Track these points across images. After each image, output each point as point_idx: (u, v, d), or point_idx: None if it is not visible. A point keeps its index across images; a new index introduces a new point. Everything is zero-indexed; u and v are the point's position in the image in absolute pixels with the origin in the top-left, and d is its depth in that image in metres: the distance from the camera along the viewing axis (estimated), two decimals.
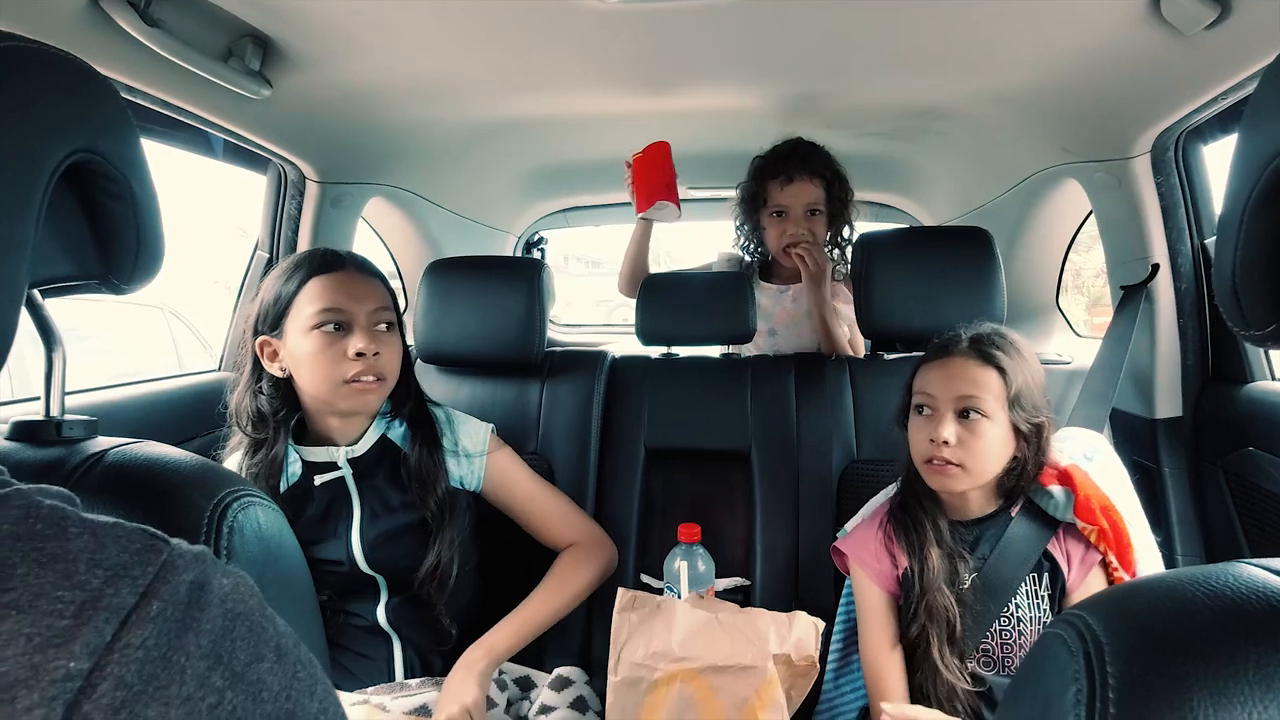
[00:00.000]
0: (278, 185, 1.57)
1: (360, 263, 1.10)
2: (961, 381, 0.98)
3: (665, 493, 1.45)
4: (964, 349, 1.01)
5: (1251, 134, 0.38)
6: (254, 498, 0.58)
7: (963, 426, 0.98)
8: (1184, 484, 1.38)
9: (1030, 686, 0.38)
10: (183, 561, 0.30)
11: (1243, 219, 0.37)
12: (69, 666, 0.25)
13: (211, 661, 0.28)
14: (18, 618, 0.25)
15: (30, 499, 0.29)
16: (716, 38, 1.16)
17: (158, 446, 0.59)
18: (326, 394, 1.03)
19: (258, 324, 1.06)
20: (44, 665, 0.25)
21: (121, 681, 0.26)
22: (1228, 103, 1.11)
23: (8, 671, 0.24)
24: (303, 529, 1.05)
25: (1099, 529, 0.98)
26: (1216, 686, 0.31)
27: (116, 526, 0.29)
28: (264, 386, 1.07)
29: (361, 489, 1.09)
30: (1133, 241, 1.39)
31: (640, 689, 1.00)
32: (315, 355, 1.02)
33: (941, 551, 1.01)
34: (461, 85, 1.34)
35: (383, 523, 1.09)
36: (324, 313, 1.02)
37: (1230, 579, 0.35)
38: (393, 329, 1.09)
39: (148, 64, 0.99)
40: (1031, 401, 1.00)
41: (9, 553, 0.26)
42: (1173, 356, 1.38)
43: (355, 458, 1.10)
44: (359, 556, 1.07)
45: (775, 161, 1.61)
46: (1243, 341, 0.82)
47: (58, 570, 0.27)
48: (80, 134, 0.49)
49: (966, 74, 1.30)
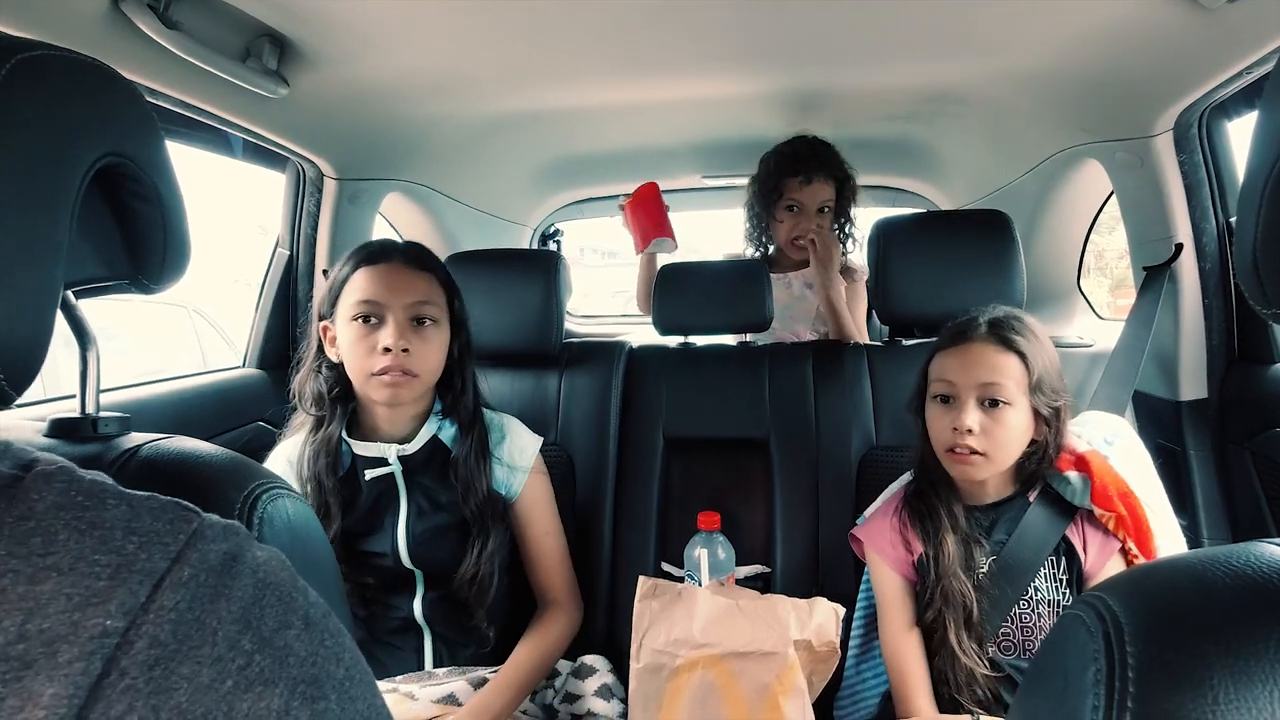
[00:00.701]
0: (297, 183, 1.59)
1: (412, 255, 1.10)
2: (983, 369, 0.97)
3: (685, 481, 1.45)
4: (983, 334, 1.00)
5: (1273, 108, 0.37)
6: (282, 490, 0.60)
7: (986, 414, 0.97)
8: (1209, 466, 1.36)
9: (1050, 666, 0.38)
10: (213, 531, 0.32)
11: (1264, 195, 0.37)
12: (105, 624, 0.27)
13: (241, 626, 0.30)
14: (58, 579, 0.27)
15: (73, 474, 0.31)
16: (730, 25, 1.15)
17: (189, 441, 0.61)
18: (360, 385, 1.06)
19: (321, 308, 1.09)
20: (82, 622, 0.27)
21: (156, 640, 0.28)
22: (1253, 77, 1.08)
23: (50, 628, 0.26)
24: (352, 520, 1.08)
25: (1117, 515, 0.97)
26: (1237, 665, 0.31)
27: (151, 499, 0.31)
28: (323, 368, 1.10)
29: (410, 486, 1.11)
30: (1155, 221, 1.36)
31: (662, 675, 1.01)
32: (351, 346, 1.04)
33: (957, 537, 1.00)
34: (475, 79, 1.35)
35: (428, 520, 1.10)
36: (360, 304, 1.04)
37: (1251, 558, 0.35)
38: (435, 325, 1.09)
39: (168, 66, 1.01)
40: (1051, 385, 0.99)
41: (53, 520, 0.28)
42: (1197, 337, 1.36)
43: (406, 455, 1.10)
44: (403, 551, 1.09)
45: (795, 160, 1.67)
46: (1265, 319, 0.81)
47: (95, 536, 0.29)
48: (108, 138, 0.50)
49: (983, 55, 1.28)
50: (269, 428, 1.49)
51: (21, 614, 0.26)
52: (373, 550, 1.09)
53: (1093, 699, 0.33)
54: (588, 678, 1.17)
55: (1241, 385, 1.31)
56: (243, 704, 0.29)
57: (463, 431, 1.15)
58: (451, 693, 1.02)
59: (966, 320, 1.03)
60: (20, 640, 0.26)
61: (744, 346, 1.56)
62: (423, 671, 1.11)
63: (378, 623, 1.13)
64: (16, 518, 0.28)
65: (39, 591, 0.27)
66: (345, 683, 0.33)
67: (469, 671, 1.09)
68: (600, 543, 1.36)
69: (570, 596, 1.22)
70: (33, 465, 0.30)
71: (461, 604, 1.12)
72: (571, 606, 1.22)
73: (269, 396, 1.53)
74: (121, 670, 0.27)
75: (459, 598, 1.11)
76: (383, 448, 1.10)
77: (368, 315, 1.04)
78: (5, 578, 0.26)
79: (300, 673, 0.32)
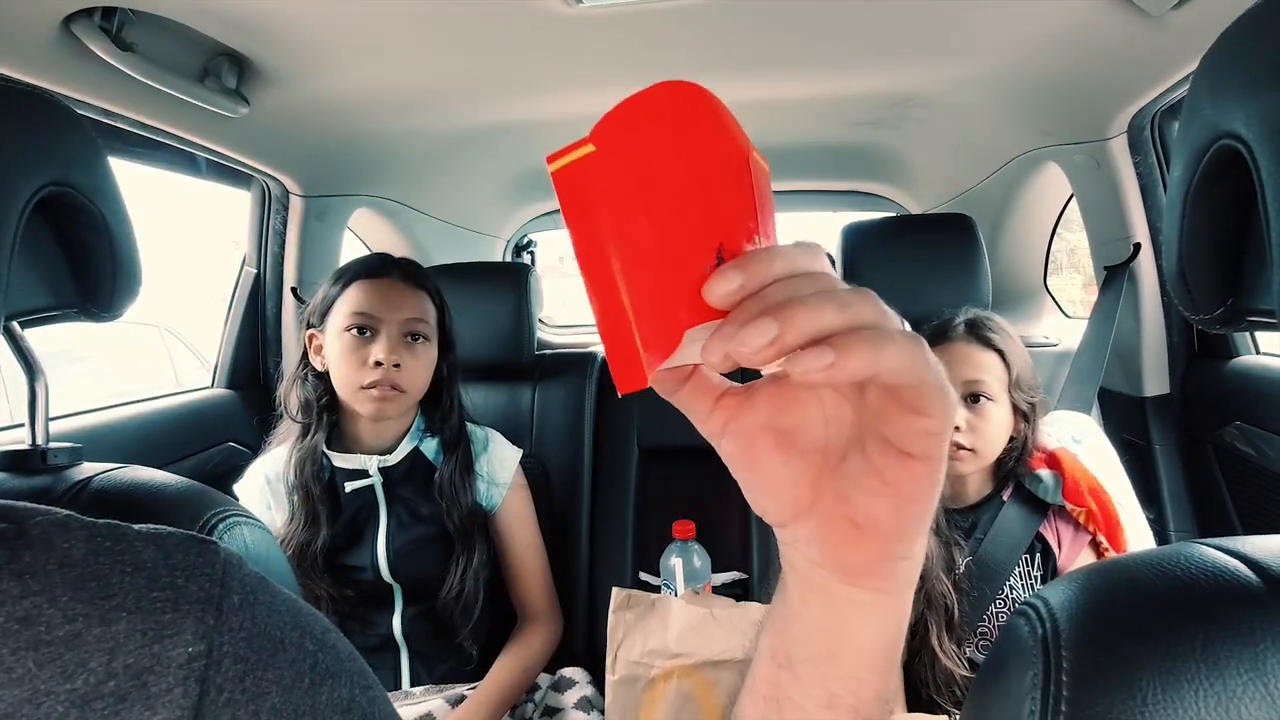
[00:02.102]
0: (262, 201, 1.58)
1: (409, 271, 1.12)
2: (966, 367, 0.99)
3: (660, 490, 1.46)
4: (962, 334, 1.02)
5: (1190, 123, 0.38)
6: (240, 517, 0.59)
7: (971, 411, 0.99)
8: (1175, 460, 1.39)
9: (994, 670, 0.39)
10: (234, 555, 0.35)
11: (1185, 206, 0.38)
12: (188, 651, 0.30)
13: (299, 631, 0.34)
14: (129, 617, 0.29)
15: (84, 521, 0.32)
16: (688, 36, 1.16)
17: (143, 471, 0.60)
18: (348, 396, 1.06)
19: (310, 317, 1.10)
20: (164, 653, 0.29)
21: (238, 656, 0.31)
22: None
23: (134, 662, 0.28)
24: (329, 534, 1.07)
25: (1087, 510, 0.99)
26: (1165, 666, 0.31)
27: (170, 535, 0.33)
28: (309, 376, 1.10)
29: (390, 499, 1.11)
30: (1114, 221, 1.39)
31: (638, 687, 1.01)
32: (341, 357, 1.05)
33: (939, 540, 1.01)
34: (440, 94, 1.34)
35: (408, 533, 1.10)
36: (354, 316, 1.05)
37: (1182, 559, 0.36)
38: (426, 342, 1.11)
39: (123, 87, 1.00)
40: (1027, 382, 1.01)
41: (98, 566, 0.30)
42: (1158, 334, 1.39)
43: (386, 468, 1.11)
44: (382, 564, 1.08)
45: None
46: (1195, 325, 0.83)
47: (145, 575, 0.31)
48: (50, 167, 0.50)
49: (944, 60, 1.30)
50: (240, 448, 1.47)
51: (105, 654, 0.28)
52: (351, 564, 1.09)
53: (1030, 702, 0.33)
54: (567, 690, 1.17)
55: (1202, 380, 1.34)
56: (321, 696, 0.33)
57: (447, 450, 1.15)
58: (429, 712, 1.02)
59: (943, 322, 1.05)
60: (109, 678, 0.28)
61: None
62: (399, 691, 1.10)
63: (353, 640, 1.12)
64: (59, 565, 0.29)
65: (114, 631, 0.29)
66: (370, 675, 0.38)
67: (446, 689, 1.08)
68: (577, 554, 1.36)
69: (550, 609, 1.22)
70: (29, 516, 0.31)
71: (442, 621, 1.11)
72: (552, 620, 1.21)
73: (240, 416, 1.51)
74: (218, 687, 0.30)
75: (443, 616, 1.10)
76: (363, 460, 1.10)
77: (361, 327, 1.05)
78: (78, 622, 0.28)
79: (351, 666, 0.36)
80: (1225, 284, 0.39)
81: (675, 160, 0.24)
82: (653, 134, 0.25)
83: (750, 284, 0.24)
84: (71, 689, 0.27)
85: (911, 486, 0.26)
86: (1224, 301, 0.39)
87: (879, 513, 0.27)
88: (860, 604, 0.29)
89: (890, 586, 0.29)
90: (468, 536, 1.11)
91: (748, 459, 0.30)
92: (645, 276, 0.24)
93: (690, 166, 0.24)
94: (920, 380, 0.24)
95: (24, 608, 0.28)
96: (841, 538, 0.28)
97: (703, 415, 0.31)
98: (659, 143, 0.24)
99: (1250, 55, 0.35)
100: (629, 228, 0.25)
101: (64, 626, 0.28)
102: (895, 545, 0.28)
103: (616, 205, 0.25)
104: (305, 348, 1.10)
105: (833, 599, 0.29)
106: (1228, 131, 0.35)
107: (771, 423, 0.29)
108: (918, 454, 0.26)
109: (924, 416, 0.25)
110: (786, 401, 0.29)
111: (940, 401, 0.25)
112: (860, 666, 0.30)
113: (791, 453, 0.29)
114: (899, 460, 0.26)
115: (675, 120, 0.25)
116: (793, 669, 0.31)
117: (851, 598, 0.29)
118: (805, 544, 0.30)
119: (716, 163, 0.25)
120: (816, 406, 0.29)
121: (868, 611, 0.29)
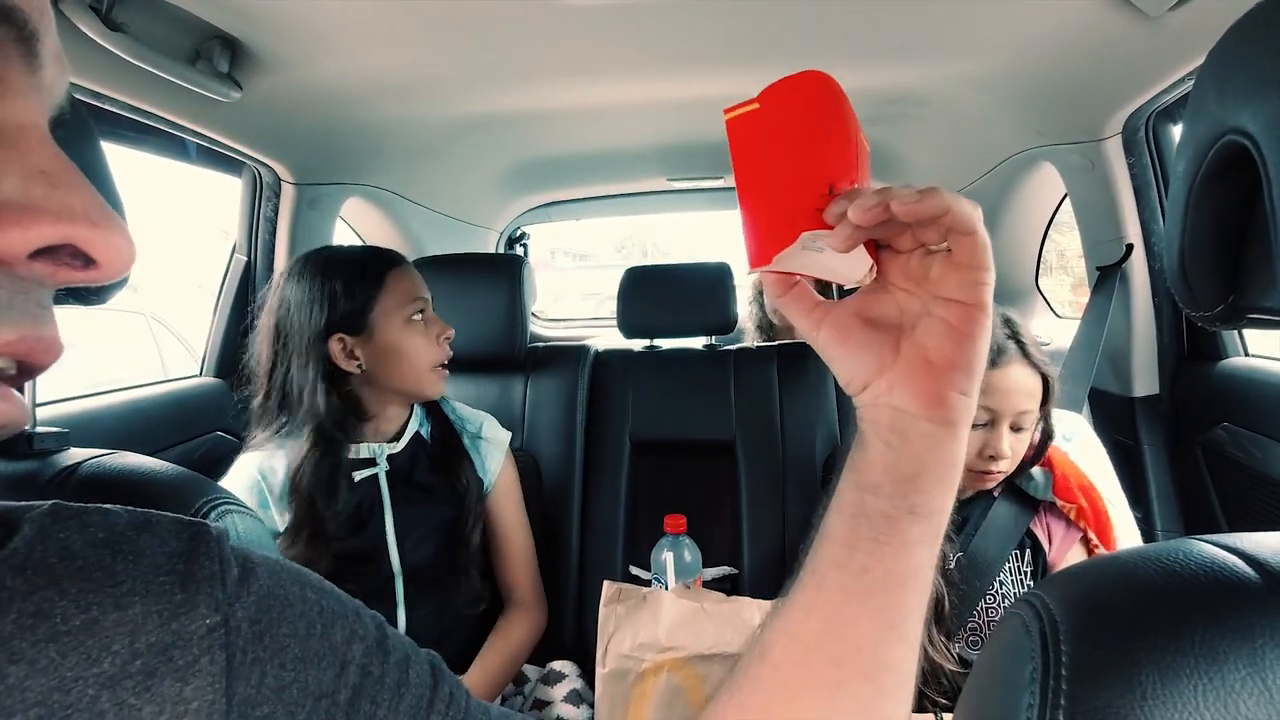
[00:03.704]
0: (253, 188, 1.56)
1: (402, 256, 1.15)
2: (1021, 396, 0.95)
3: (652, 485, 1.46)
4: (1016, 356, 0.96)
5: (1195, 119, 0.38)
6: (232, 505, 0.58)
7: (1014, 435, 0.97)
8: (1163, 461, 1.40)
9: (992, 663, 0.39)
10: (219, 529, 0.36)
11: (1188, 202, 0.38)
12: (206, 624, 0.32)
13: (300, 585, 0.37)
14: (143, 600, 0.31)
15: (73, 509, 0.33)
16: (684, 28, 1.15)
17: (133, 457, 0.59)
18: (418, 380, 1.09)
19: (329, 326, 1.04)
20: (184, 629, 0.31)
21: (252, 619, 0.33)
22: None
23: (156, 640, 0.30)
24: (335, 525, 1.06)
25: (1078, 507, 1.00)
26: (1164, 661, 0.31)
27: (159, 520, 0.34)
28: (346, 382, 1.07)
29: (396, 485, 1.11)
30: (1107, 222, 1.40)
31: (628, 680, 1.01)
32: (417, 344, 1.08)
33: None
34: (435, 82, 1.33)
35: (415, 516, 1.11)
36: (416, 301, 1.08)
37: (1182, 555, 0.36)
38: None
39: (113, 69, 0.98)
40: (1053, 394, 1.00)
41: (100, 555, 0.31)
42: (1149, 335, 1.40)
43: (393, 454, 1.12)
44: (392, 550, 1.09)
45: None
46: (1194, 322, 0.83)
47: (146, 561, 0.32)
48: None
49: (941, 58, 1.30)
50: (228, 437, 1.46)
51: (126, 635, 0.30)
52: (358, 554, 1.08)
53: (1028, 696, 0.33)
54: (556, 684, 1.17)
55: (1191, 382, 1.35)
56: (335, 635, 0.37)
57: (432, 416, 1.19)
58: None
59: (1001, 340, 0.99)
60: (135, 657, 0.30)
61: (710, 349, 1.57)
62: None
63: None
64: (61, 558, 0.30)
65: (131, 615, 0.30)
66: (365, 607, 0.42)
67: None
68: (568, 547, 1.36)
69: (535, 596, 1.23)
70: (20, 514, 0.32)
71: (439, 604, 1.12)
72: (536, 607, 1.22)
73: (227, 405, 1.49)
74: (241, 650, 0.33)
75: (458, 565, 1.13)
76: (373, 449, 1.10)
77: (421, 311, 1.09)
78: (92, 610, 0.29)
79: (350, 604, 0.40)
80: (1226, 281, 0.39)
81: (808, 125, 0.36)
82: (796, 105, 0.36)
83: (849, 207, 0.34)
84: (100, 672, 0.29)
85: (969, 326, 0.36)
86: (1225, 299, 0.39)
87: (945, 348, 0.36)
88: (929, 435, 0.37)
89: (952, 418, 0.37)
90: (467, 496, 1.14)
91: (841, 338, 0.39)
92: (779, 196, 0.36)
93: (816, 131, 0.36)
94: (975, 229, 0.34)
95: (34, 602, 0.29)
96: (918, 374, 0.37)
97: (803, 313, 0.40)
98: (798, 112, 0.36)
99: (1258, 50, 0.35)
100: (773, 164, 0.36)
101: (79, 616, 0.29)
102: (958, 376, 0.37)
103: (768, 148, 0.37)
104: (324, 356, 1.04)
105: (908, 436, 0.38)
106: (1234, 127, 0.35)
107: (859, 313, 0.39)
108: (971, 300, 0.35)
109: (976, 269, 0.35)
110: (870, 300, 0.39)
111: (986, 256, 0.35)
112: (931, 482, 0.38)
113: (875, 330, 0.39)
114: (958, 307, 0.36)
115: (811, 98, 0.36)
116: (877, 491, 0.38)
117: (923, 430, 0.37)
118: (888, 393, 0.38)
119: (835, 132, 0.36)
120: (891, 300, 0.38)
121: (935, 441, 0.37)
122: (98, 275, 0.26)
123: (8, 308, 0.24)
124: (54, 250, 0.25)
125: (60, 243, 0.25)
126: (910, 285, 0.38)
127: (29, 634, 0.28)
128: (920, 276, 0.37)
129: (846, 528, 0.39)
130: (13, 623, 0.28)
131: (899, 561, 0.38)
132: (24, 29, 0.25)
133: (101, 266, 0.26)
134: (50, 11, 0.27)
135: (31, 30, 0.26)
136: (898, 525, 0.37)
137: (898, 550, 0.37)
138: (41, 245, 0.24)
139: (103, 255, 0.26)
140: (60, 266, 0.25)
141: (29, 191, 0.24)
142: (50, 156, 0.25)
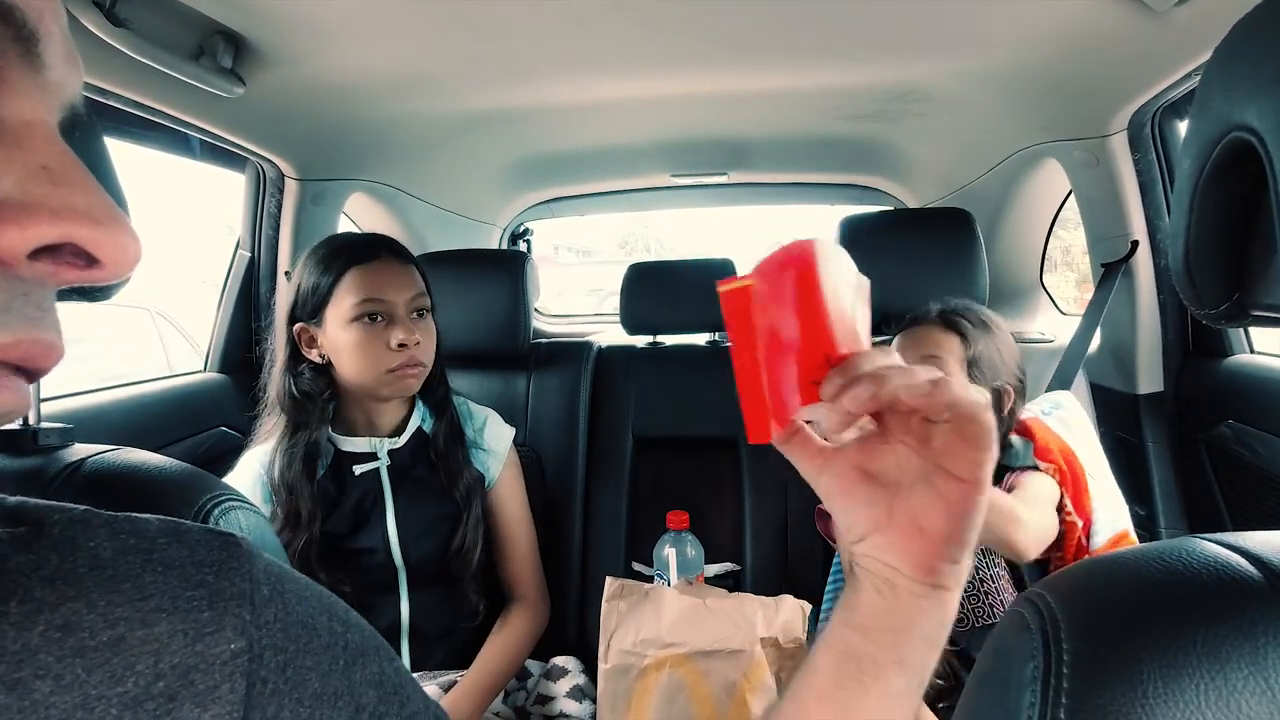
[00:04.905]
0: (257, 183, 1.56)
1: (396, 249, 1.11)
2: (926, 345, 1.03)
3: (654, 481, 1.46)
4: (931, 319, 1.06)
5: (1201, 115, 0.38)
6: (235, 502, 0.59)
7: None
8: (1167, 458, 1.40)
9: (993, 663, 0.39)
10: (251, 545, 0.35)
11: (1193, 199, 0.38)
12: (230, 648, 0.30)
13: (327, 616, 0.36)
14: (169, 618, 0.30)
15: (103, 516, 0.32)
16: (695, 22, 1.15)
17: (137, 453, 0.60)
18: (368, 383, 1.05)
19: (295, 311, 1.06)
20: (207, 651, 0.30)
21: (276, 648, 0.32)
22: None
23: (180, 662, 0.29)
24: (337, 519, 1.07)
25: (1058, 468, 1.02)
26: (1166, 660, 0.31)
27: (190, 530, 0.33)
28: (304, 370, 1.07)
29: (398, 480, 1.11)
30: (1112, 219, 1.39)
31: (630, 676, 1.01)
32: (357, 347, 1.03)
33: None
34: (439, 77, 1.33)
35: (417, 511, 1.11)
36: (364, 304, 1.03)
37: (1184, 554, 0.36)
38: (427, 314, 1.12)
39: (117, 65, 0.98)
40: (991, 366, 1.02)
41: (130, 565, 0.30)
42: (1154, 332, 1.39)
43: (395, 449, 1.11)
44: (394, 544, 1.09)
45: None
46: (1199, 319, 0.83)
47: (176, 574, 0.31)
48: None
49: (945, 54, 1.30)
50: (232, 433, 1.46)
51: (151, 655, 0.29)
52: (360, 548, 1.08)
53: (1030, 695, 0.33)
54: (559, 679, 1.17)
55: (1196, 379, 1.35)
56: (355, 674, 0.35)
57: (438, 413, 1.17)
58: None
59: (922, 310, 1.09)
60: (158, 679, 0.29)
61: (713, 346, 1.57)
62: None
63: None
64: (91, 568, 0.29)
65: (157, 633, 0.29)
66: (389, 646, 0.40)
67: (440, 675, 1.08)
68: (570, 543, 1.36)
69: (538, 592, 1.23)
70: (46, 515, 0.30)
71: (453, 582, 1.12)
72: (539, 602, 1.22)
73: (232, 400, 1.50)
74: (263, 680, 0.31)
75: (453, 575, 1.12)
76: (374, 443, 1.10)
77: (374, 314, 1.03)
78: (119, 626, 0.29)
79: (375, 640, 0.39)
80: (1232, 278, 0.39)
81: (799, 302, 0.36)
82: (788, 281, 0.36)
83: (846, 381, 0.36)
84: (123, 692, 0.28)
85: (964, 502, 0.36)
86: (1229, 296, 0.39)
87: (938, 521, 0.36)
88: (920, 596, 0.38)
89: (944, 583, 0.38)
90: (469, 498, 1.13)
91: (841, 490, 0.40)
92: (774, 371, 0.37)
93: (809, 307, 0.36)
94: (978, 418, 0.35)
95: (62, 614, 0.28)
96: (911, 540, 0.37)
97: (806, 459, 0.41)
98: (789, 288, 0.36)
99: (1264, 46, 0.35)
100: (768, 338, 0.37)
101: (106, 631, 0.28)
102: (950, 548, 0.37)
103: (761, 321, 0.37)
104: (293, 342, 1.07)
105: (898, 592, 0.38)
106: (1240, 123, 0.35)
107: (859, 465, 0.39)
108: (969, 478, 0.36)
109: (976, 450, 0.35)
110: (870, 451, 0.39)
111: (989, 439, 0.35)
112: (918, 638, 0.38)
113: (873, 485, 0.39)
114: (955, 483, 0.36)
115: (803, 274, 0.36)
116: (866, 634, 0.38)
117: (914, 590, 0.38)
118: (882, 550, 0.38)
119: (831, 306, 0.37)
120: (891, 454, 0.38)
121: (924, 602, 0.38)
122: (101, 274, 0.26)
123: (4, 311, 0.24)
124: (55, 249, 0.25)
125: (61, 242, 0.24)
126: (911, 441, 0.38)
127: (56, 648, 0.27)
128: (922, 436, 0.37)
129: (834, 665, 0.39)
130: (40, 635, 0.27)
131: (879, 712, 0.38)
132: (23, 29, 0.25)
133: (105, 265, 0.26)
134: (63, 13, 0.27)
135: (31, 30, 0.25)
136: (884, 674, 0.38)
137: (878, 699, 0.38)
138: (41, 244, 0.24)
139: (106, 254, 0.25)
140: (62, 266, 0.25)
141: (29, 190, 0.24)
142: (55, 154, 0.25)
